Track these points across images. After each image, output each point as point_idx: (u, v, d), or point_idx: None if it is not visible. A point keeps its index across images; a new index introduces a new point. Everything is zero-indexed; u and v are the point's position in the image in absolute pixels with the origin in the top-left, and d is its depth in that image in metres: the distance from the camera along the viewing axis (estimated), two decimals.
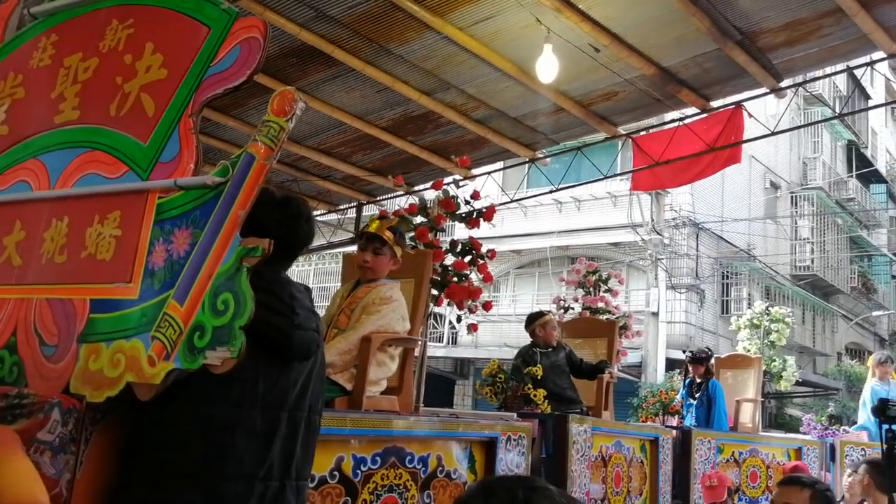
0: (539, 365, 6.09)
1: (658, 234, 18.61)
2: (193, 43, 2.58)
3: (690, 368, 8.57)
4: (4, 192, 2.90)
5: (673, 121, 9.32)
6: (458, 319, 5.73)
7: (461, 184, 5.59)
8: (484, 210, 5.51)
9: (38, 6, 3.15)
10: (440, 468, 3.72)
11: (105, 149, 2.69)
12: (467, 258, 5.40)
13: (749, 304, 18.78)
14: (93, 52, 2.87)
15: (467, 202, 5.52)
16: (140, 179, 2.56)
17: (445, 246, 5.42)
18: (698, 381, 8.38)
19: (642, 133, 9.82)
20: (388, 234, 4.26)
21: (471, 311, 5.38)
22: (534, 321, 6.74)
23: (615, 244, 19.58)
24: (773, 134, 9.14)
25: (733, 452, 7.12)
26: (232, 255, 2.24)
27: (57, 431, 2.20)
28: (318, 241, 14.48)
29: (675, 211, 19.03)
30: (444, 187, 5.54)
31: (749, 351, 14.46)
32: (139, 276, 2.40)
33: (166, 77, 2.63)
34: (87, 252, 2.55)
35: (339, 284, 4.77)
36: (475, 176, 10.22)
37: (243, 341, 2.17)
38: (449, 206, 5.36)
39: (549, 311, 7.23)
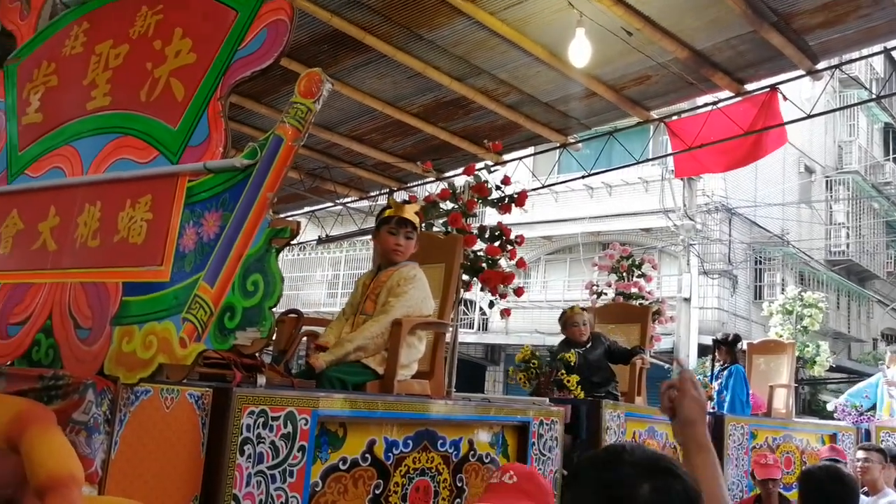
0: (573, 351, 6.05)
1: (690, 219, 18.44)
2: (221, 27, 2.59)
3: (717, 354, 8.53)
4: (39, 179, 2.94)
5: (706, 105, 9.22)
6: (490, 305, 5.69)
7: (492, 169, 5.57)
8: (516, 195, 5.49)
9: None
10: (472, 452, 3.71)
11: (136, 134, 2.71)
12: (496, 244, 5.39)
13: (782, 289, 18.58)
14: (123, 38, 2.89)
15: (498, 187, 5.51)
16: (170, 163, 2.58)
17: (474, 231, 5.41)
18: (723, 365, 8.33)
19: (675, 118, 9.73)
20: (416, 219, 4.30)
21: (502, 296, 5.37)
22: (561, 322, 6.63)
23: (647, 230, 19.45)
24: (808, 117, 9.02)
25: (767, 438, 7.05)
26: (261, 236, 2.26)
27: (91, 412, 2.23)
28: (349, 228, 14.56)
29: (708, 196, 18.85)
30: (476, 172, 5.53)
31: (781, 336, 14.31)
32: (170, 258, 2.42)
33: (195, 61, 2.64)
34: (120, 236, 2.57)
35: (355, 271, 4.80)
36: (506, 161, 10.19)
37: (273, 321, 2.19)
38: (482, 191, 5.34)
39: (572, 307, 6.84)
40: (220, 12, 2.62)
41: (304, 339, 4.32)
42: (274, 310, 2.22)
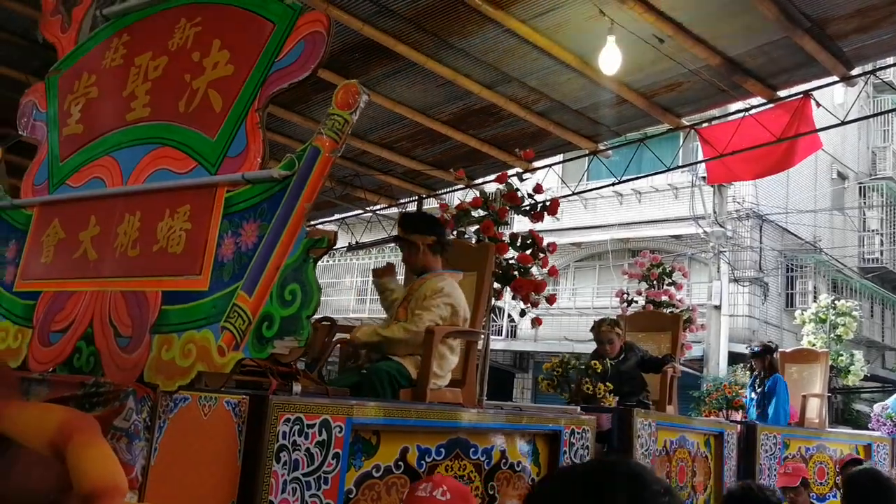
0: (605, 360, 6.03)
1: (720, 226, 18.30)
2: (259, 39, 2.62)
3: (753, 363, 8.47)
4: (80, 189, 2.99)
5: (738, 111, 9.16)
6: (522, 314, 5.72)
7: (524, 176, 5.58)
8: (548, 203, 5.49)
9: (110, 7, 3.23)
10: (504, 460, 3.72)
11: (175, 145, 2.75)
12: (528, 252, 5.39)
13: (815, 297, 18.35)
14: (162, 50, 2.94)
15: (530, 195, 5.52)
16: (209, 174, 2.61)
17: (505, 239, 5.42)
18: (762, 375, 8.27)
19: (706, 125, 9.67)
20: (402, 230, 4.45)
21: (533, 304, 5.38)
22: (594, 336, 6.56)
23: (677, 237, 19.32)
24: (842, 124, 8.93)
25: (799, 448, 6.98)
26: (299, 246, 2.28)
27: (132, 419, 2.27)
28: (378, 235, 14.61)
29: (738, 203, 18.70)
30: (508, 180, 5.54)
31: (814, 345, 14.15)
32: (209, 268, 2.45)
33: (233, 73, 2.68)
34: (159, 245, 2.61)
35: (400, 276, 4.86)
36: (536, 168, 10.18)
37: (310, 330, 2.21)
38: (514, 199, 5.36)
39: (601, 321, 6.72)
40: (258, 24, 2.65)
41: (338, 346, 4.36)
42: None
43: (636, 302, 8.79)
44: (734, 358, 17.16)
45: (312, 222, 13.09)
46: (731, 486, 4.40)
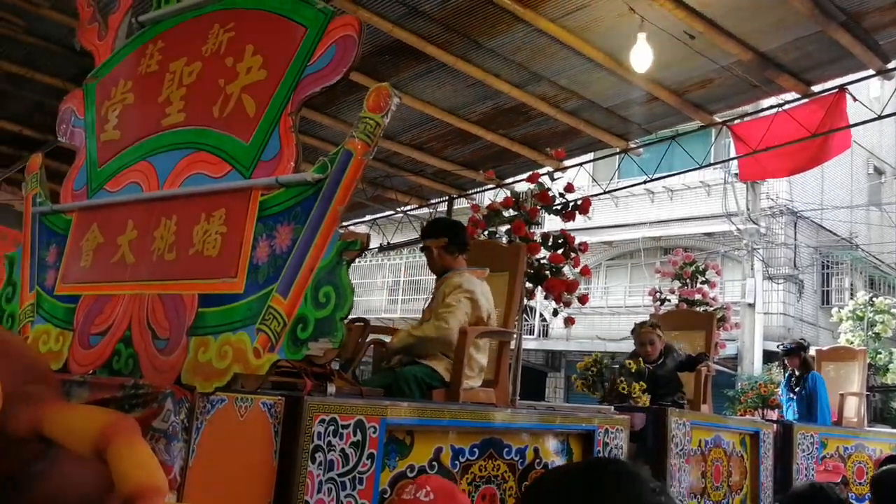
0: (639, 360, 5.99)
1: (754, 223, 18.12)
2: (291, 43, 2.65)
3: (787, 361, 8.37)
4: (117, 194, 3.04)
5: (771, 107, 9.07)
6: (555, 313, 5.72)
7: (555, 176, 5.57)
8: (580, 202, 5.48)
9: (145, 14, 3.28)
10: (538, 460, 3.71)
11: (209, 149, 2.79)
12: (560, 251, 5.39)
13: (851, 294, 18.12)
14: (196, 56, 2.98)
15: (561, 194, 5.51)
16: (243, 178, 2.64)
17: (537, 238, 5.42)
18: (797, 374, 8.17)
19: (738, 121, 9.58)
20: (421, 240, 4.58)
21: (566, 304, 5.37)
22: (633, 336, 6.51)
23: (709, 234, 19.15)
24: (879, 118, 8.81)
25: (838, 447, 6.89)
26: (332, 249, 2.30)
27: (170, 420, 2.30)
28: (410, 236, 14.66)
29: (772, 199, 18.49)
30: (539, 180, 5.54)
31: (852, 343, 13.98)
32: (244, 270, 2.48)
33: (266, 77, 2.71)
34: (195, 249, 2.65)
35: (430, 276, 4.92)
36: (566, 167, 10.15)
37: (344, 332, 2.23)
38: (545, 198, 5.35)
39: (643, 323, 6.67)
40: (290, 29, 2.68)
41: (371, 346, 4.38)
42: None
43: (669, 300, 8.75)
44: (769, 356, 16.99)
45: (343, 223, 13.13)
46: (798, 486, 4.37)
